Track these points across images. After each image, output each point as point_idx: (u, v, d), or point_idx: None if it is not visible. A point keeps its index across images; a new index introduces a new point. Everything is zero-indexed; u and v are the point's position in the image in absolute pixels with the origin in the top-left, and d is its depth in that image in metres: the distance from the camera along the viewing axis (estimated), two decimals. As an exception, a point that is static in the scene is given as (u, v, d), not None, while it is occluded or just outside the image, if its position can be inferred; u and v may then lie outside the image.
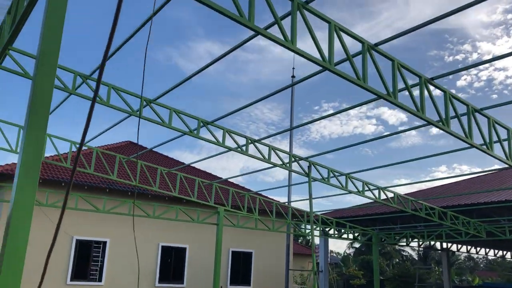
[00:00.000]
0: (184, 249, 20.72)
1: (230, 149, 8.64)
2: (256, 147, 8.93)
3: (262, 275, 22.38)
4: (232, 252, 22.25)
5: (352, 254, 58.11)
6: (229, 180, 18.49)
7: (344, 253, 62.51)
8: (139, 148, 21.96)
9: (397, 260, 55.33)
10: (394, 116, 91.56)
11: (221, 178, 19.52)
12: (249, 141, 8.82)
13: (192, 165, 20.81)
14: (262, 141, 8.98)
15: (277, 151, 9.19)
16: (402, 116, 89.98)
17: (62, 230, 17.36)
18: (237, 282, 22.03)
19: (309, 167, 9.49)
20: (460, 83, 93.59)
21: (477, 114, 6.68)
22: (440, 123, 6.10)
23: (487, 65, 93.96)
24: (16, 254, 2.92)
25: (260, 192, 17.02)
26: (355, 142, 9.32)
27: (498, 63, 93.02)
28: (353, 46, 5.53)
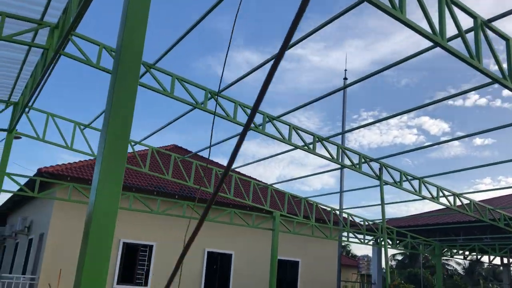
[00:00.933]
0: (229, 256, 20.13)
1: (296, 146, 7.96)
2: (324, 146, 8.22)
3: (309, 285, 21.46)
4: (278, 260, 21.44)
5: (394, 266, 55.68)
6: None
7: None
8: (184, 151, 21.62)
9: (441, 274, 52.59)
10: (435, 126, 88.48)
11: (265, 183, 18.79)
12: (317, 139, 8.12)
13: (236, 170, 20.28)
14: (331, 139, 8.26)
15: (346, 150, 8.45)
16: (444, 126, 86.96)
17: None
18: (283, 292, 21.21)
19: (380, 169, 8.68)
20: (507, 92, 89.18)
21: None
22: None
23: None
24: (98, 265, 2.44)
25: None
26: (397, 152, 8.58)
27: None
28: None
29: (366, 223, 13.26)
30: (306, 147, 7.94)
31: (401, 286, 38.54)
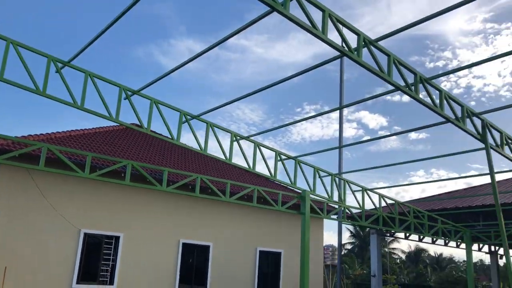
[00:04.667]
0: (207, 247, 17.44)
1: (399, 87, 5.49)
2: (427, 89, 5.86)
3: (292, 278, 19.24)
4: (260, 251, 19.08)
5: (346, 252, 54.03)
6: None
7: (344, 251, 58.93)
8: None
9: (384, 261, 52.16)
10: (374, 120, 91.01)
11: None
12: (419, 78, 5.69)
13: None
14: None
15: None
16: (382, 120, 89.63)
17: (68, 221, 13.97)
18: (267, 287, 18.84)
19: (484, 128, 6.44)
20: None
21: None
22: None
23: (466, 72, 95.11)
24: None
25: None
26: (336, 146, 7.00)
27: (477, 71, 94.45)
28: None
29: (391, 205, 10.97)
30: (407, 88, 5.54)
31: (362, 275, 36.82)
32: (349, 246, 53.94)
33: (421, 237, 17.16)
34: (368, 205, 10.24)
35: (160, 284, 15.64)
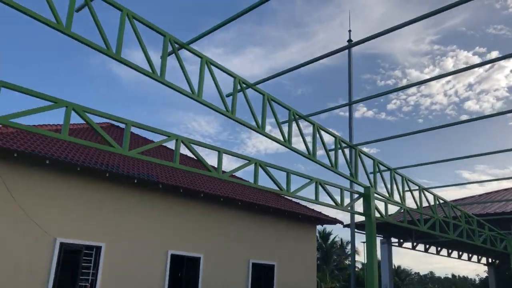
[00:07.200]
0: (197, 259, 15.37)
1: None
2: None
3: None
4: (253, 264, 17.25)
5: None
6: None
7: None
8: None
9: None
10: (325, 135, 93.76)
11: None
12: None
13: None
14: None
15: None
16: (335, 134, 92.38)
17: (41, 229, 11.52)
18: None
19: None
20: (390, 106, 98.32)
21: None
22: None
23: (414, 90, 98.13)
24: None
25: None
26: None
27: (425, 90, 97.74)
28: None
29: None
30: None
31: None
32: (310, 260, 52.33)
33: (438, 248, 15.75)
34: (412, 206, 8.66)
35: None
